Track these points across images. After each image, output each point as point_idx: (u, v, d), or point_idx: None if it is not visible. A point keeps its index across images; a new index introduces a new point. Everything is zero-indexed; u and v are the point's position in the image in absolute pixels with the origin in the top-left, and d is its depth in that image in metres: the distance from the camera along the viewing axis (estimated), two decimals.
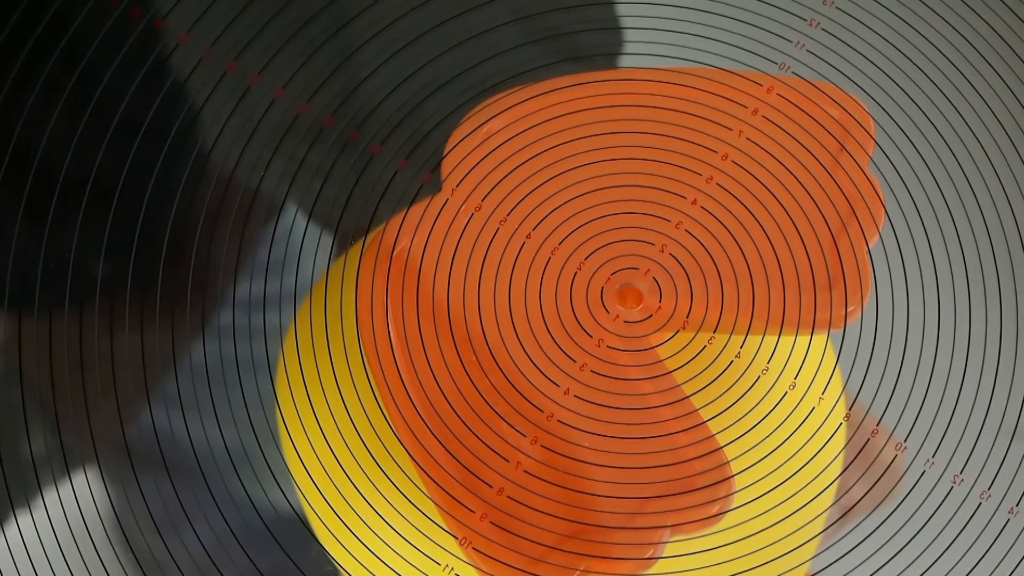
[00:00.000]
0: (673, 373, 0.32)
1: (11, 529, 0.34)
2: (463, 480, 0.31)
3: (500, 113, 0.33)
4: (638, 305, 0.32)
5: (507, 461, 0.31)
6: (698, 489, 0.31)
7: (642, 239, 0.33)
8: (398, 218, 0.33)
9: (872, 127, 0.33)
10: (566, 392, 0.32)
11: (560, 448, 0.32)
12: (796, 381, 0.33)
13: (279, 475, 0.34)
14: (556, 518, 0.31)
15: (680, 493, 0.31)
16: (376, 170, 0.34)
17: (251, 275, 0.35)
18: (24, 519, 0.34)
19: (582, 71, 0.34)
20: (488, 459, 0.31)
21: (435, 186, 0.33)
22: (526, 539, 0.31)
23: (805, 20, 0.34)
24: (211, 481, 0.34)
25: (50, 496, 0.34)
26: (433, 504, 0.31)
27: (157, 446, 0.34)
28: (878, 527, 0.32)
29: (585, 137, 0.33)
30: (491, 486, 0.31)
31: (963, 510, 0.32)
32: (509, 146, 0.33)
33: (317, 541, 0.34)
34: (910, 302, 0.33)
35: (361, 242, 0.34)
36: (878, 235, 0.32)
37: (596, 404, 0.32)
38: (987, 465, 0.32)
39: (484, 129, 0.33)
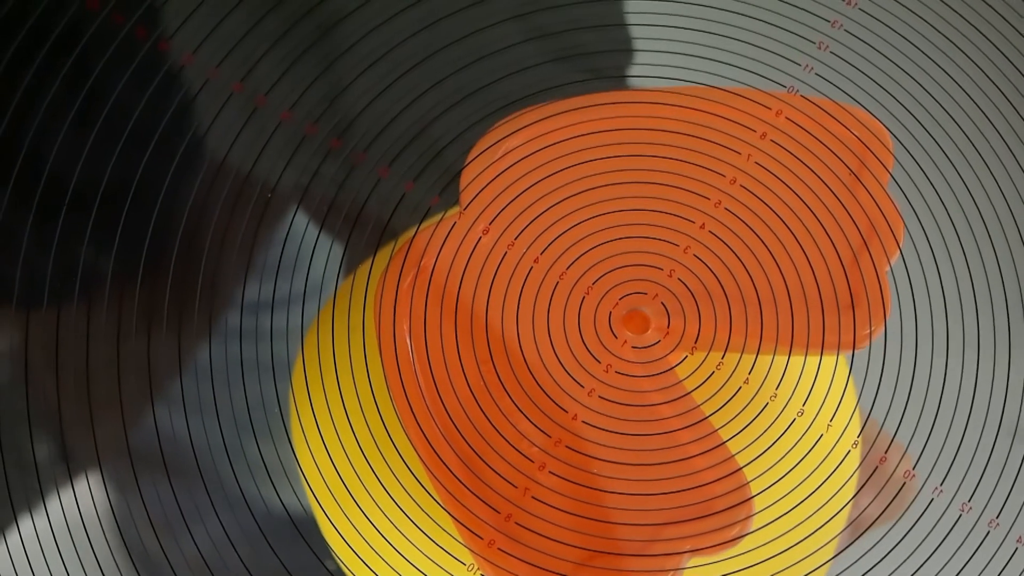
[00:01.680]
0: (690, 395, 0.32)
1: (12, 534, 0.34)
2: (470, 506, 0.31)
3: (507, 136, 0.32)
4: (646, 330, 0.32)
5: (515, 487, 0.31)
6: (718, 512, 0.30)
7: (650, 264, 0.32)
8: (407, 241, 0.33)
9: (891, 149, 0.32)
10: (574, 418, 0.31)
11: (569, 474, 0.31)
12: (804, 408, 0.33)
13: (281, 482, 0.34)
14: (568, 546, 0.31)
15: (700, 517, 0.30)
16: (386, 189, 0.33)
17: (260, 279, 0.34)
18: (26, 524, 0.34)
19: (595, 91, 0.33)
20: (496, 485, 0.31)
21: (449, 203, 0.33)
22: (537, 567, 0.30)
23: (814, 43, 0.33)
24: (212, 486, 0.34)
25: (52, 501, 0.34)
26: (441, 530, 0.32)
27: (160, 450, 0.34)
28: (886, 555, 0.32)
29: (591, 161, 0.32)
30: (499, 512, 0.31)
31: (971, 538, 0.32)
32: (516, 169, 0.32)
33: (329, 555, 0.34)
34: (918, 328, 0.32)
35: (371, 259, 0.34)
36: (890, 262, 0.32)
37: (604, 430, 0.31)
38: (995, 494, 0.32)
39: (493, 151, 0.32)
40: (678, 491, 0.31)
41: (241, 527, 0.34)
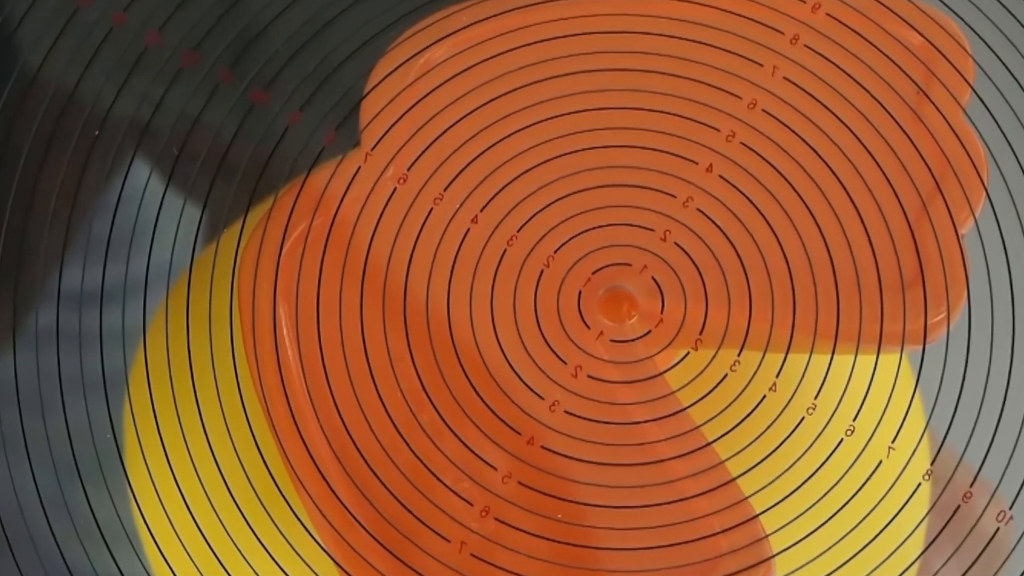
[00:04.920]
0: (688, 411, 0.32)
1: None
2: (386, 570, 0.31)
3: (426, 48, 0.33)
4: (631, 318, 0.32)
5: (449, 542, 0.31)
6: None
7: (636, 223, 0.32)
8: (292, 191, 0.33)
9: (969, 63, 0.33)
10: (530, 442, 0.32)
11: (522, 522, 0.31)
12: (855, 424, 0.33)
13: (119, 544, 0.34)
14: None
15: None
16: (260, 122, 0.34)
17: (85, 258, 0.35)
18: None
19: None
20: (422, 539, 0.31)
21: (349, 142, 0.33)
22: None
23: None
24: (21, 552, 0.34)
25: None
26: None
27: None
28: None
29: (549, 81, 0.33)
30: None
31: None
32: (446, 92, 0.33)
33: None
34: (1016, 311, 0.32)
35: (241, 222, 0.34)
36: (974, 216, 0.32)
37: (572, 459, 0.32)
38: None
39: (407, 70, 0.33)
40: (671, 545, 0.31)
41: None
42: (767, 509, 0.31)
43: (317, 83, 0.34)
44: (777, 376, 0.32)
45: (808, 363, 0.33)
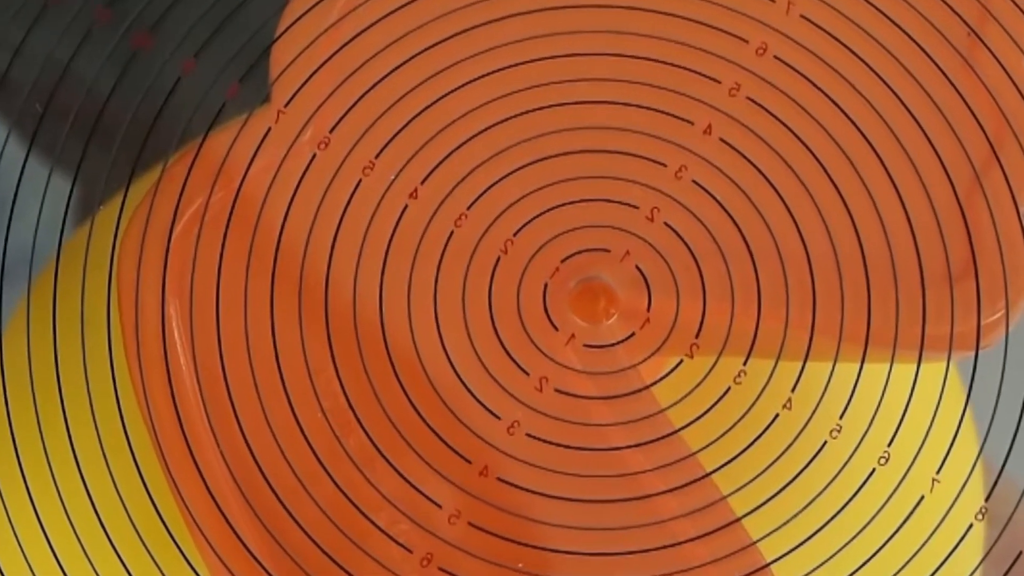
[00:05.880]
0: (681, 435, 0.32)
1: None
2: None
3: None
4: (609, 317, 0.32)
5: None
6: None
7: (617, 199, 0.32)
8: (186, 159, 0.33)
9: None
10: (482, 473, 0.31)
11: (474, 573, 0.31)
12: (890, 451, 0.32)
13: None
14: None
15: None
16: (146, 72, 0.33)
17: None
18: None
19: None
20: None
21: (256, 97, 0.33)
22: None
23: None
24: None
25: None
26: None
27: None
28: None
29: (514, 17, 0.32)
30: None
31: None
32: (378, 34, 0.32)
33: None
34: None
35: (122, 197, 0.33)
36: None
37: (535, 494, 0.31)
38: None
39: (335, 2, 0.32)
40: None
41: None
42: (780, 557, 0.31)
43: (216, 23, 0.33)
44: (792, 391, 0.32)
45: (831, 374, 0.32)
